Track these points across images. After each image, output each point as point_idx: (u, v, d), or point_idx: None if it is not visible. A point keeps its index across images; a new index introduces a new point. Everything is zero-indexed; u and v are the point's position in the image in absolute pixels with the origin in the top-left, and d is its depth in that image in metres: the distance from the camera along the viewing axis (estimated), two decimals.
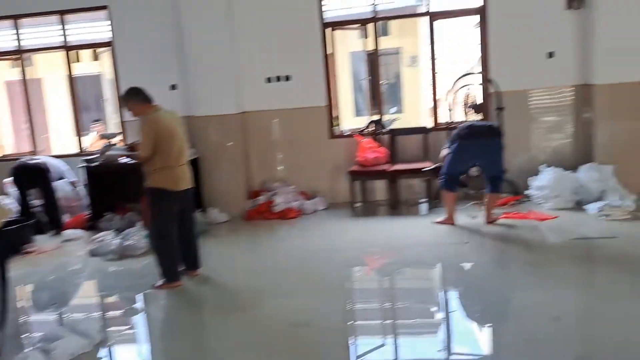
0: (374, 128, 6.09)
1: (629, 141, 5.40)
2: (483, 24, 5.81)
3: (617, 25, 5.28)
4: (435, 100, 6.08)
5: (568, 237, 4.52)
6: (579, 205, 5.21)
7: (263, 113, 6.17)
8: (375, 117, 6.24)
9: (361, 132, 6.09)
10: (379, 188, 6.04)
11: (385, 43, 10.13)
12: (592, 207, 5.00)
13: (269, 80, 6.10)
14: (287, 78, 6.07)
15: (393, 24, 9.50)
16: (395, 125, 6.61)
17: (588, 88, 5.60)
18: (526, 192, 5.58)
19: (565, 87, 5.78)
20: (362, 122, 6.37)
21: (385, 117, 6.69)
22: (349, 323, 3.56)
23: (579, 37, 5.62)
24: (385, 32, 9.52)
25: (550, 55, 5.72)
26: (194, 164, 5.78)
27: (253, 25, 5.99)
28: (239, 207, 5.91)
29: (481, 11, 5.80)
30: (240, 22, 5.95)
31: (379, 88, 6.29)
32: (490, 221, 4.96)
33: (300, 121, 6.14)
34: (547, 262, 4.07)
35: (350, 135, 6.13)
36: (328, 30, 6.08)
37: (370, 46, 6.23)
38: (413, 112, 8.87)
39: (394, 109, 9.38)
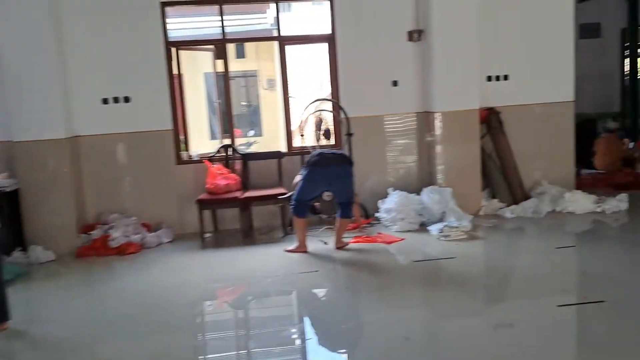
0: (225, 153, 5.82)
1: (464, 165, 5.78)
2: (332, 52, 5.91)
3: (450, 58, 5.67)
4: (289, 125, 6.01)
5: (413, 258, 4.66)
6: (423, 227, 5.43)
7: (99, 137, 5.59)
8: (227, 142, 5.98)
9: (211, 158, 5.78)
10: (231, 216, 5.76)
11: (242, 65, 10.04)
12: (434, 228, 5.23)
13: (105, 101, 5.56)
14: (127, 99, 5.58)
15: (250, 47, 9.42)
16: (253, 149, 6.42)
17: (428, 115, 5.93)
18: (376, 215, 5.70)
19: (409, 114, 6.06)
20: (217, 146, 6.06)
21: (243, 141, 6.47)
22: (200, 358, 3.29)
23: (419, 67, 5.95)
24: (242, 55, 9.40)
25: (395, 83, 5.99)
26: (14, 196, 5.04)
27: (85, 41, 5.45)
28: (69, 244, 5.21)
29: (330, 39, 5.89)
30: (69, 37, 5.37)
31: (230, 111, 6.04)
32: (340, 246, 4.95)
33: (143, 146, 5.67)
34: (395, 285, 4.12)
35: (199, 161, 5.78)
36: (176, 50, 5.74)
37: (222, 68, 5.97)
38: (272, 135, 8.76)
39: (252, 132, 9.23)
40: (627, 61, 10.51)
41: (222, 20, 5.72)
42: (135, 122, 5.61)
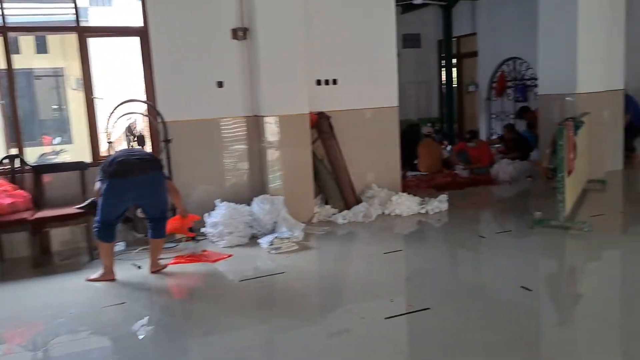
0: (11, 165, 4.77)
1: (296, 171, 5.54)
2: (145, 47, 5.22)
3: (277, 59, 5.38)
4: (94, 131, 5.16)
5: (240, 277, 4.23)
6: (255, 239, 5.04)
7: None
8: (14, 151, 4.93)
9: None
10: (21, 241, 4.72)
11: (48, 62, 8.71)
12: (264, 241, 4.86)
13: None
14: None
15: (54, 42, 8.15)
16: (67, 159, 5.42)
17: (258, 119, 5.58)
18: (202, 230, 5.15)
19: (237, 117, 5.64)
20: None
21: (49, 149, 5.43)
22: None
23: (247, 68, 5.57)
24: (43, 50, 8.12)
25: (220, 84, 5.52)
26: None
27: None
28: None
29: (142, 33, 5.20)
30: None
31: (16, 115, 4.98)
32: (157, 270, 4.30)
33: None
34: (221, 309, 3.67)
35: None
36: None
37: (3, 63, 4.90)
38: (85, 143, 7.69)
39: (59, 140, 8.00)
40: (443, 70, 11.46)
41: (1, 7, 4.68)
42: None
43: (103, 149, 5.20)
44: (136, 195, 4.09)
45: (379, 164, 6.22)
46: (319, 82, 5.90)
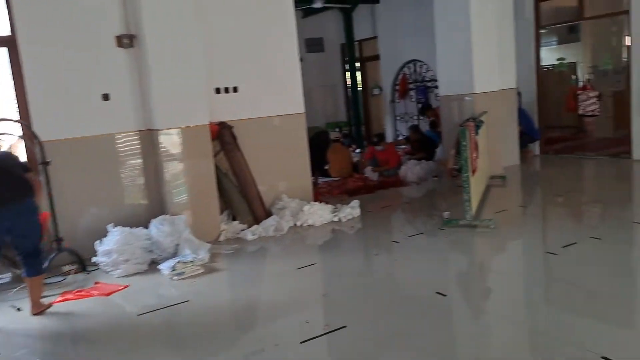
0: None
1: (199, 187, 5.17)
2: (15, 59, 4.62)
3: (170, 68, 4.99)
4: None
5: (138, 311, 3.79)
6: (154, 266, 4.60)
7: None
8: None
9: None
10: None
11: None
12: (166, 267, 4.44)
13: None
14: None
15: None
16: None
17: (152, 133, 5.14)
18: (93, 260, 4.62)
19: (128, 132, 5.16)
20: None
21: None
22: None
23: (136, 78, 5.11)
24: None
25: (106, 97, 5.02)
26: None
27: None
28: None
29: (10, 42, 4.58)
30: None
31: None
32: (39, 311, 3.75)
33: None
34: (119, 347, 3.29)
35: None
36: None
37: None
38: None
39: None
40: (348, 74, 11.51)
41: None
42: None
43: None
44: (4, 228, 3.52)
45: (289, 173, 5.99)
46: (218, 91, 5.56)
